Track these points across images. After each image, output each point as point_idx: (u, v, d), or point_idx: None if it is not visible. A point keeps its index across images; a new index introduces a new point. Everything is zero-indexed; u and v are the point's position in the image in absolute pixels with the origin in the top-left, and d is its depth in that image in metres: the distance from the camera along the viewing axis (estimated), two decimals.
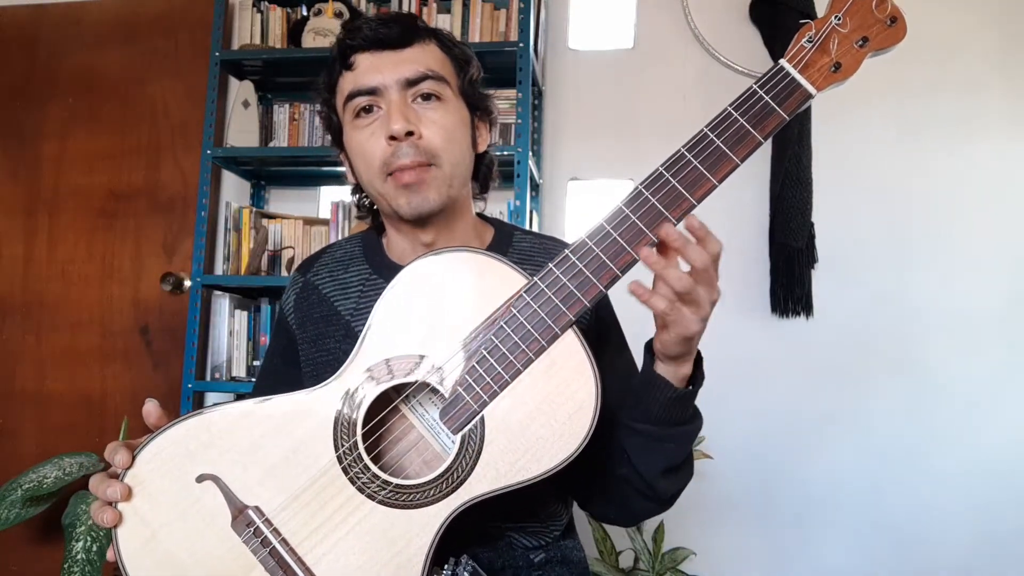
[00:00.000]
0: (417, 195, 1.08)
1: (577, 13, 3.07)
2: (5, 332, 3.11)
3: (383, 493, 0.89)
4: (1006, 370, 2.67)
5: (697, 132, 0.88)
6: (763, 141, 0.87)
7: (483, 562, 1.03)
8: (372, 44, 1.10)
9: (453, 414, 0.89)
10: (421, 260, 0.93)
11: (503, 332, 0.89)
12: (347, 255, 1.23)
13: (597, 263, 0.88)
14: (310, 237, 2.86)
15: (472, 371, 0.89)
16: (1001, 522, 2.63)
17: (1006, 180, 2.71)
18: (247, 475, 0.91)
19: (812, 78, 0.88)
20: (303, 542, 0.90)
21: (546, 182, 2.99)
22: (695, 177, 0.87)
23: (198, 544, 0.91)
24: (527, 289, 0.89)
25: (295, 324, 1.21)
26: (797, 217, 2.67)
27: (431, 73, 1.09)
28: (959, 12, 2.76)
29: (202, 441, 0.92)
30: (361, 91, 1.09)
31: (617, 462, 1.03)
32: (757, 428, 2.74)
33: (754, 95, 0.88)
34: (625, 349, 1.22)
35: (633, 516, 1.12)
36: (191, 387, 2.75)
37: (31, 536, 2.90)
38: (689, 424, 1.01)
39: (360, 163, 1.12)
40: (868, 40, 0.88)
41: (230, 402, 0.95)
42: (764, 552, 2.76)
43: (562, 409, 0.87)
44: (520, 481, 0.88)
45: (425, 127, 1.08)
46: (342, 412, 0.91)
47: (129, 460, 0.92)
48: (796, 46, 0.88)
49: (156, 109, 3.11)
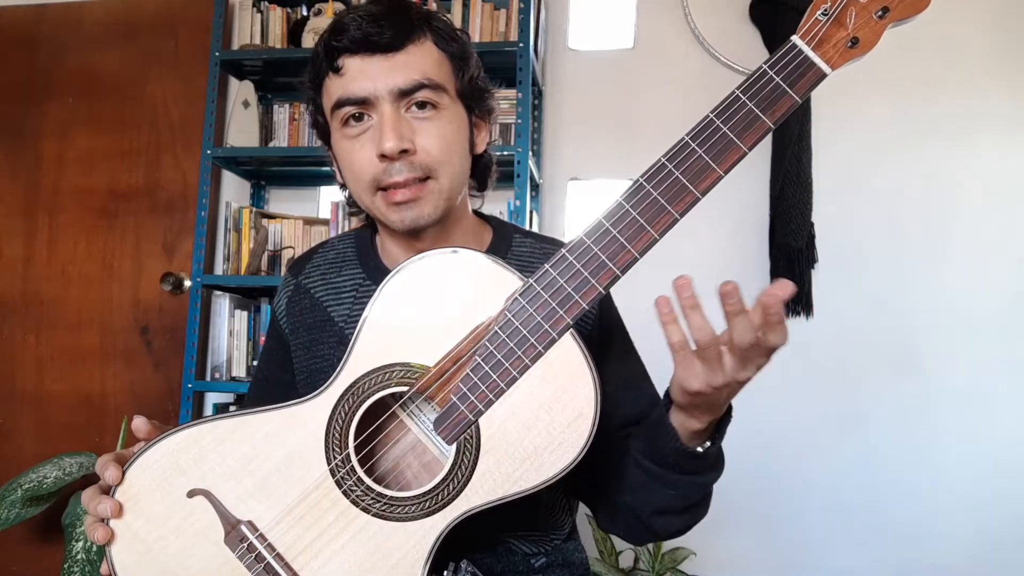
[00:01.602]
0: (412, 211, 1.02)
1: (577, 13, 3.06)
2: (5, 332, 3.10)
3: (377, 506, 0.88)
4: (1006, 370, 2.66)
5: (702, 119, 0.83)
6: (773, 127, 0.82)
7: (482, 567, 1.01)
8: (361, 47, 1.00)
9: (447, 424, 0.86)
10: (412, 264, 0.89)
11: (498, 337, 0.85)
12: (340, 256, 1.19)
13: (596, 263, 0.83)
14: (310, 237, 2.86)
15: (467, 379, 0.86)
16: (1002, 522, 2.62)
17: (1006, 180, 2.71)
18: (239, 489, 0.90)
19: (827, 55, 0.81)
20: (298, 557, 0.89)
21: (546, 182, 2.99)
22: (700, 167, 0.82)
23: (192, 560, 0.90)
24: (522, 292, 0.85)
25: (287, 329, 1.19)
26: (797, 217, 2.66)
27: (427, 81, 1.01)
28: (959, 12, 2.75)
29: (192, 455, 0.91)
30: (350, 100, 1.01)
31: (623, 488, 0.99)
32: (757, 428, 2.73)
33: (764, 76, 0.82)
34: (630, 354, 1.16)
35: (636, 541, 1.07)
36: (191, 387, 2.75)
37: (31, 536, 2.90)
38: (700, 475, 0.94)
39: (348, 175, 1.06)
40: (888, 10, 0.80)
41: (220, 415, 0.93)
42: (764, 552, 2.76)
43: (560, 417, 0.85)
44: (518, 491, 0.86)
45: (420, 138, 1.01)
46: (334, 423, 0.90)
47: (119, 476, 0.91)
48: (810, 20, 0.81)
49: (156, 109, 3.10)
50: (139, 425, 0.94)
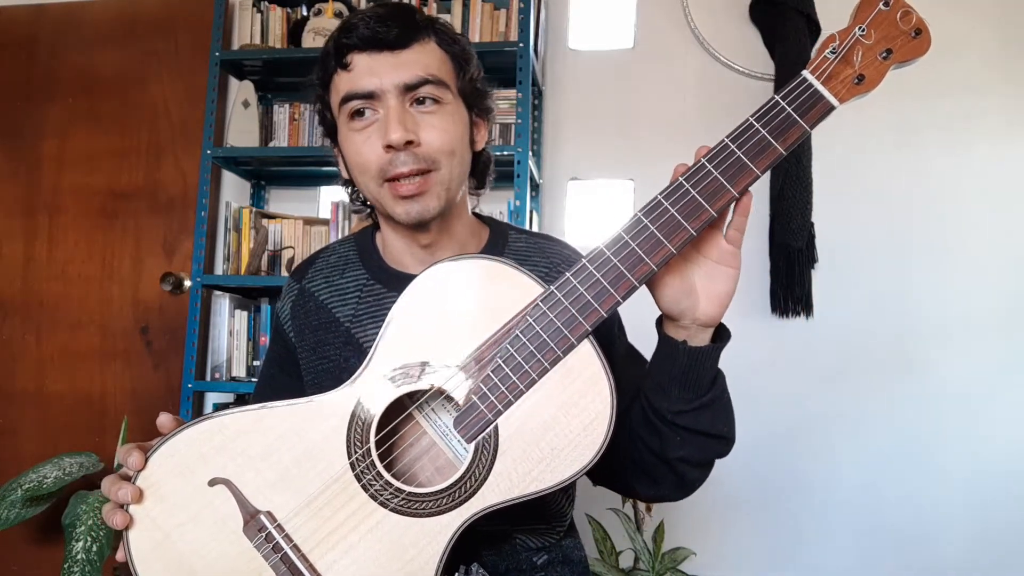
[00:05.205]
0: (417, 204, 1.05)
1: (577, 13, 3.07)
2: (5, 332, 3.10)
3: (396, 501, 0.89)
4: (1006, 370, 2.67)
5: (718, 143, 0.87)
6: (784, 153, 0.87)
7: (487, 565, 1.04)
8: (369, 44, 1.05)
9: (467, 423, 0.88)
10: (437, 267, 0.92)
11: (519, 341, 0.88)
12: (342, 259, 1.22)
13: (614, 273, 0.87)
14: (310, 237, 2.86)
15: (487, 380, 0.88)
16: (1001, 522, 2.64)
17: (1005, 180, 2.72)
18: (259, 479, 0.91)
19: (835, 90, 0.86)
20: (314, 548, 0.90)
21: (546, 182, 2.99)
22: (715, 188, 0.87)
23: (209, 548, 0.91)
24: (543, 298, 0.88)
25: (293, 333, 1.21)
26: (797, 217, 2.67)
27: (431, 78, 1.06)
28: (958, 13, 2.76)
29: (215, 444, 0.92)
30: (357, 94, 1.05)
31: (673, 447, 0.98)
32: (757, 428, 2.74)
33: (776, 106, 0.86)
34: (624, 334, 1.20)
35: (691, 486, 1.06)
36: (191, 387, 2.75)
37: (31, 536, 2.90)
38: (707, 388, 0.97)
39: (354, 167, 1.10)
40: (892, 52, 0.86)
41: (243, 406, 0.94)
42: (764, 552, 2.77)
43: (577, 420, 0.87)
44: (534, 492, 0.87)
45: (424, 132, 1.05)
46: (355, 418, 0.91)
47: (142, 462, 0.92)
48: (819, 56, 0.87)
49: (156, 109, 3.10)
50: (164, 421, 0.95)
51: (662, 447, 0.98)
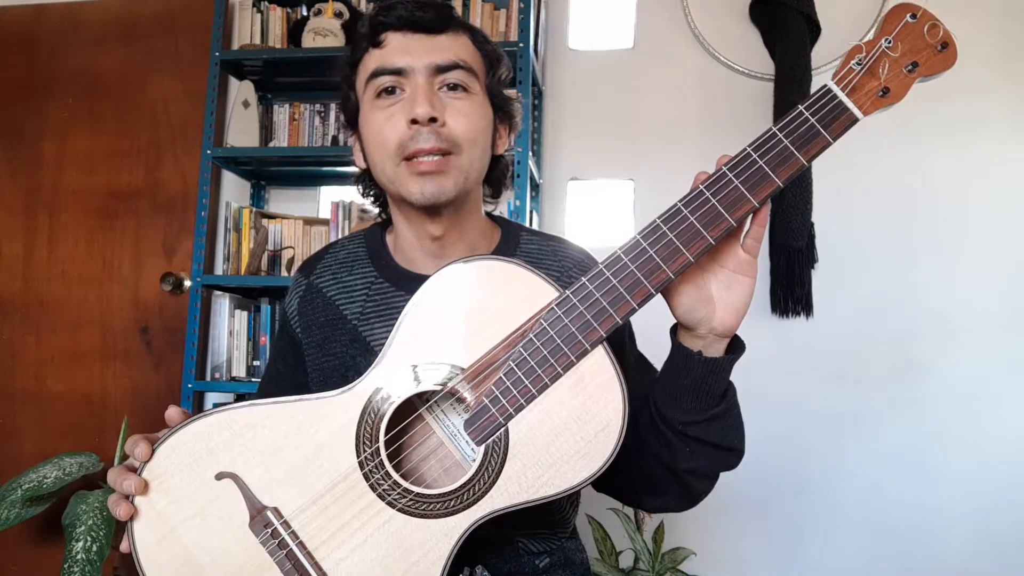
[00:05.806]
0: (434, 183, 1.03)
1: (577, 13, 3.07)
2: (5, 332, 3.10)
3: (403, 501, 0.88)
4: (1006, 370, 2.67)
5: (740, 151, 0.86)
6: (807, 164, 0.85)
7: (490, 568, 1.04)
8: (405, 24, 1.06)
9: (478, 425, 0.88)
10: (450, 268, 0.91)
11: (532, 345, 0.87)
12: (350, 256, 1.20)
13: (631, 280, 0.86)
14: (310, 237, 2.86)
15: (499, 383, 0.87)
16: (1002, 522, 2.64)
17: (1006, 181, 2.72)
18: (267, 475, 0.91)
19: (859, 102, 0.85)
20: (320, 546, 0.89)
21: (546, 182, 2.99)
22: (735, 197, 0.86)
23: (215, 542, 0.90)
24: (559, 303, 0.87)
25: (299, 329, 1.19)
26: (797, 217, 2.67)
27: (462, 63, 1.06)
28: (960, 14, 2.76)
29: (223, 439, 0.91)
30: (387, 70, 1.05)
31: (682, 458, 0.99)
32: (757, 428, 2.73)
33: (800, 116, 0.85)
34: (634, 342, 1.20)
35: (698, 497, 1.07)
36: (191, 387, 2.74)
37: (31, 536, 2.90)
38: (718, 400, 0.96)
39: (374, 144, 1.08)
40: (918, 65, 0.86)
41: (253, 401, 0.94)
42: (764, 552, 2.77)
43: (588, 427, 0.86)
44: (542, 497, 0.87)
45: (450, 116, 1.04)
46: (365, 417, 0.90)
47: (148, 453, 0.91)
48: (845, 67, 0.85)
49: (156, 109, 3.10)
50: (172, 414, 0.94)
51: (671, 457, 0.98)
